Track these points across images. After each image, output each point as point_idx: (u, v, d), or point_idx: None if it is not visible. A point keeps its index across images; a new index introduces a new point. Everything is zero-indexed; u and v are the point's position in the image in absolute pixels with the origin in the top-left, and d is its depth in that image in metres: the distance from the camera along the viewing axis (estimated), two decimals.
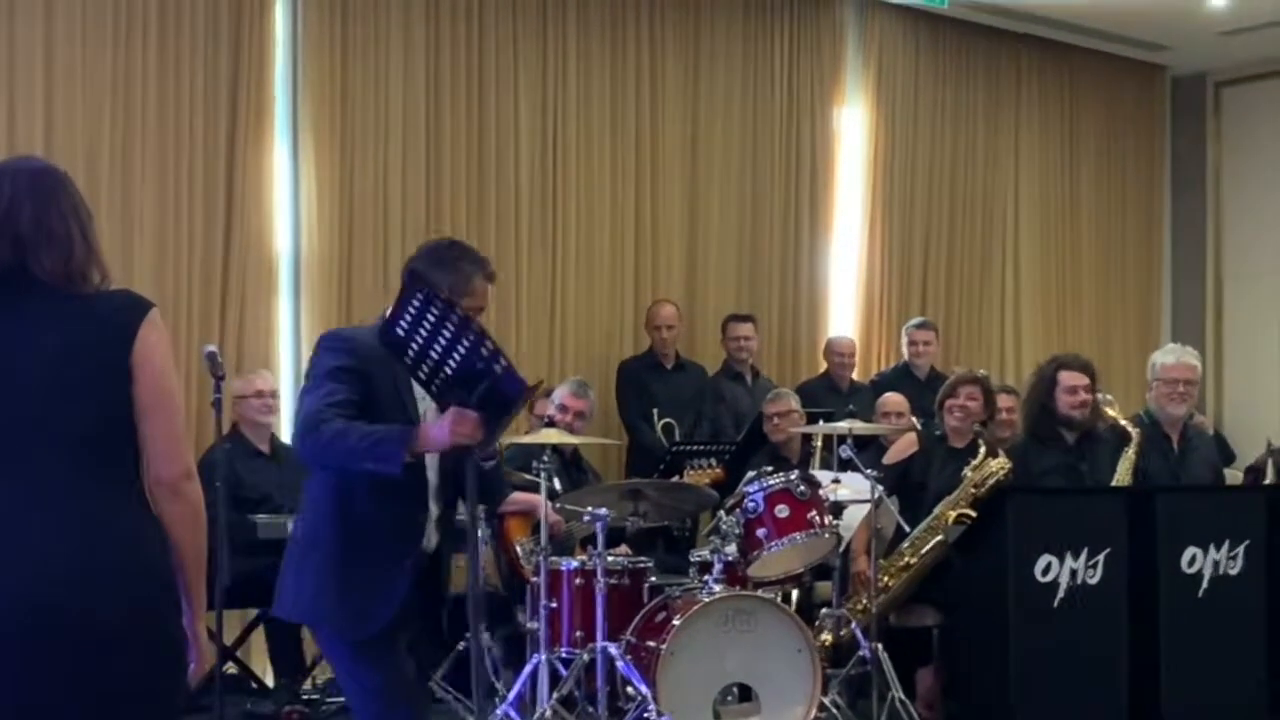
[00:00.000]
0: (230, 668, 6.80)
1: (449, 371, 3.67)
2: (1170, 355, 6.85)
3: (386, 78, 8.24)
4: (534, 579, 5.99)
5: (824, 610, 6.71)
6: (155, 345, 2.89)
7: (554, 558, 6.04)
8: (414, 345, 3.67)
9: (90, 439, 2.85)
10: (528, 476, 6.16)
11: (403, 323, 3.65)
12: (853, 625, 6.43)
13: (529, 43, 8.71)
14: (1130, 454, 6.48)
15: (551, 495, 5.99)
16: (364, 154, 8.18)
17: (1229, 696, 6.10)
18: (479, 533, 6.17)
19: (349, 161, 8.15)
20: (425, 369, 3.71)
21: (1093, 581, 5.81)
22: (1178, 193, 11.81)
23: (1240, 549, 6.10)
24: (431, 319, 3.61)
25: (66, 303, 2.88)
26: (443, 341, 3.62)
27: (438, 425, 3.71)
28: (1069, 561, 5.80)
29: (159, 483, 2.90)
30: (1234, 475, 8.70)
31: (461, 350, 3.61)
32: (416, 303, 3.62)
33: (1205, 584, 6.04)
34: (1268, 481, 7.00)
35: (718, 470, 7.46)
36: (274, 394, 7.18)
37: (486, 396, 3.65)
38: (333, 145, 8.10)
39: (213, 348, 5.62)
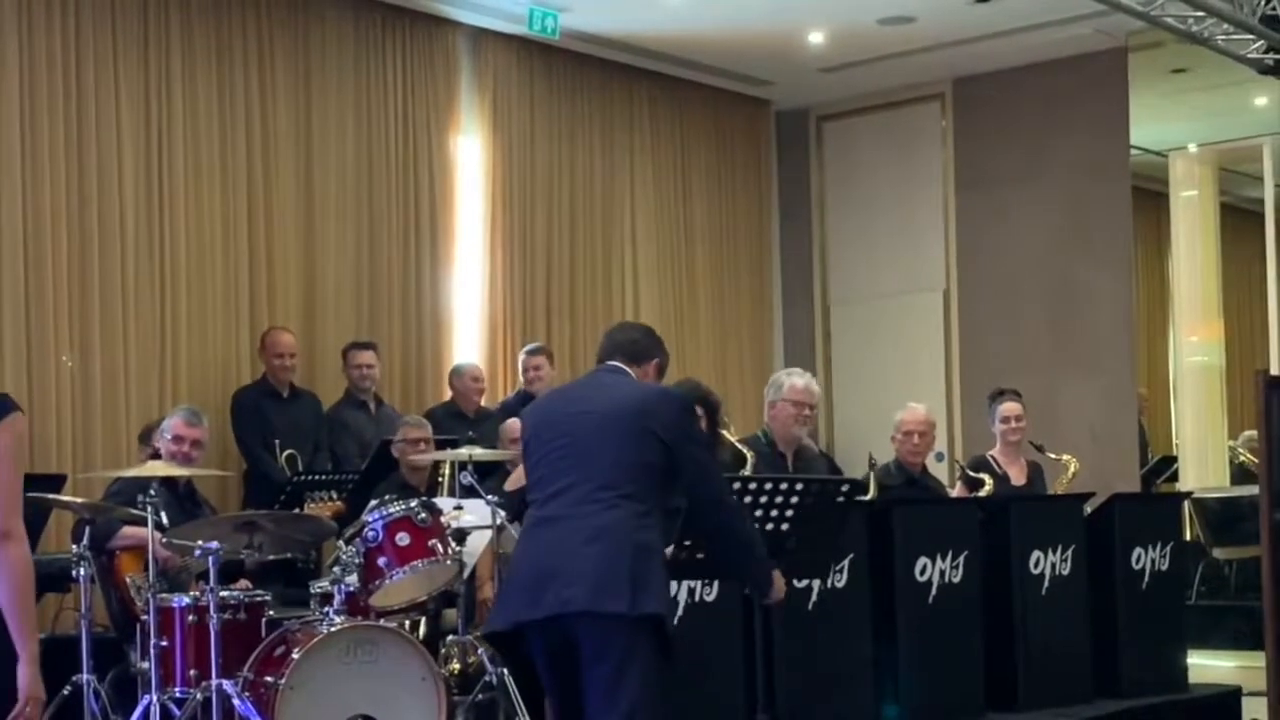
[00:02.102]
0: None
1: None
2: (799, 378, 7.04)
3: None
4: (145, 617, 5.78)
5: (450, 637, 6.67)
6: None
7: (165, 594, 5.85)
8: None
9: None
10: (134, 511, 5.93)
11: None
12: (480, 651, 6.41)
13: (130, 66, 8.35)
14: (746, 475, 6.67)
15: (160, 529, 5.80)
16: None
17: (842, 706, 6.34)
18: (84, 570, 5.92)
19: None
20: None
21: (710, 599, 5.94)
22: (785, 221, 12.28)
23: (845, 563, 6.36)
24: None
25: None
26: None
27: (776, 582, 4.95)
28: (686, 581, 5.91)
29: None
30: None
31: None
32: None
33: (815, 597, 6.26)
34: (870, 496, 7.31)
35: (338, 502, 7.38)
36: None
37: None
38: None
39: None
